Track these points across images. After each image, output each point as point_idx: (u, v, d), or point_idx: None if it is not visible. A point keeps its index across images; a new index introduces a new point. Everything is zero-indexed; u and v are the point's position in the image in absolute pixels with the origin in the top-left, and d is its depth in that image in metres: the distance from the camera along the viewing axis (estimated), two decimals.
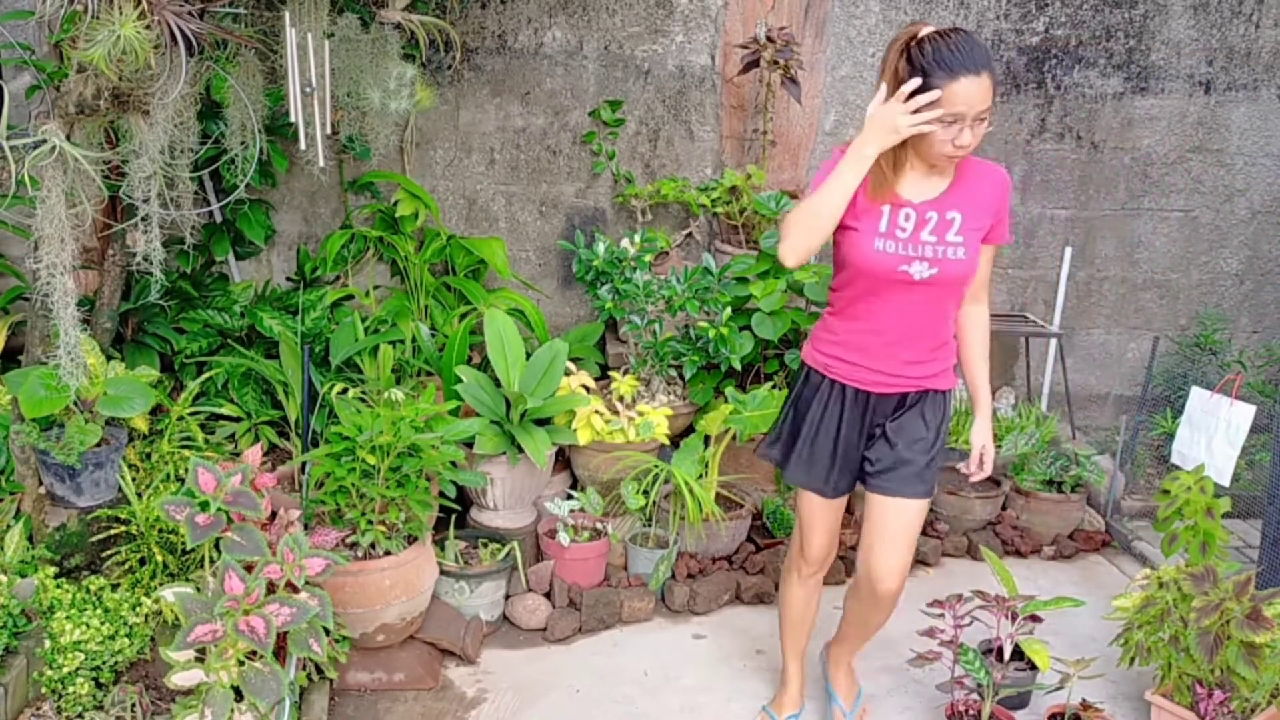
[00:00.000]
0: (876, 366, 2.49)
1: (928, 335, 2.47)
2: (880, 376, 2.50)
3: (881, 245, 2.36)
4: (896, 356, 2.48)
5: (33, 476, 3.16)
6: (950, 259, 2.36)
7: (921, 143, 2.29)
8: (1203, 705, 2.75)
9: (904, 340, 2.46)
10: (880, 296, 2.42)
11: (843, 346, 2.52)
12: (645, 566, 3.65)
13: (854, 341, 2.50)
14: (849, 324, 2.50)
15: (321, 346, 3.96)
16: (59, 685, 2.66)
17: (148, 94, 2.83)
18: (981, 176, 2.43)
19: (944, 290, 2.41)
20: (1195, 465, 3.31)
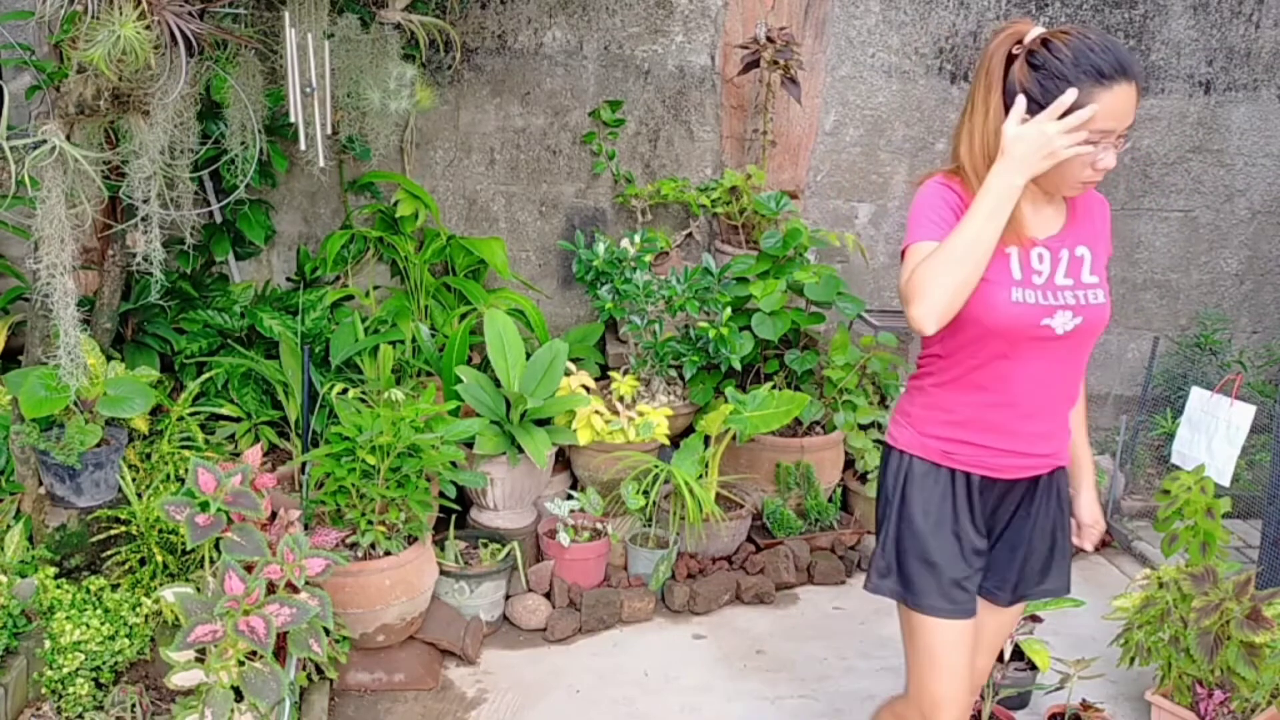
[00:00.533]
0: (1009, 446, 2.01)
1: (1063, 401, 2.04)
2: (1013, 459, 2.02)
3: (1020, 296, 1.89)
4: (1032, 431, 2.01)
5: (33, 477, 3.16)
6: (1092, 304, 1.94)
7: (1055, 168, 1.84)
8: (1203, 705, 2.75)
9: (1040, 410, 2.00)
10: (1013, 359, 1.94)
11: (964, 426, 2.01)
12: (645, 567, 3.65)
13: (979, 418, 2.00)
14: (970, 396, 2.00)
15: (321, 347, 3.96)
16: (59, 686, 2.66)
17: (148, 94, 2.83)
18: (1089, 202, 2.04)
19: (1084, 344, 1.98)
20: (1195, 465, 3.31)
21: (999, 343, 1.94)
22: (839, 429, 4.06)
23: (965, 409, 2.01)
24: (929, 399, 2.06)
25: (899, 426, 2.10)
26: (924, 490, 2.04)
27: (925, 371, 2.08)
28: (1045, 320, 1.91)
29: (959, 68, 4.53)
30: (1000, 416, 1.99)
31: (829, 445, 4.05)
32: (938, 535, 2.02)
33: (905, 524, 2.05)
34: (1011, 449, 2.01)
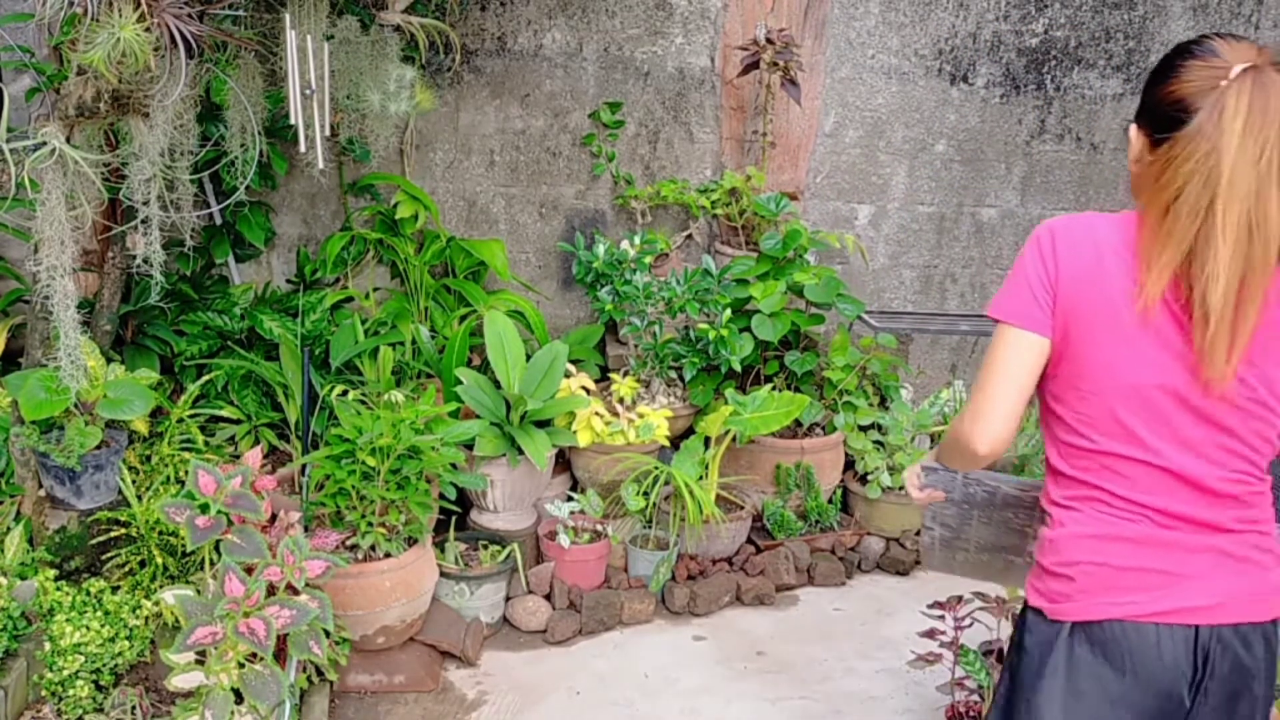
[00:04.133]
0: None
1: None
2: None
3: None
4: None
5: (33, 479, 3.16)
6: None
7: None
8: None
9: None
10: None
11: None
12: (645, 568, 3.65)
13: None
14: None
15: (321, 348, 3.96)
16: (59, 688, 2.66)
17: (147, 96, 2.83)
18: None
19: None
20: None
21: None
22: (839, 430, 4.07)
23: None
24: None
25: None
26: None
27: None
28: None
29: (958, 69, 4.53)
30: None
31: (829, 446, 4.05)
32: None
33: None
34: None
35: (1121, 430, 1.57)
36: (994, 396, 1.60)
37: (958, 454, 1.71)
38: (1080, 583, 1.60)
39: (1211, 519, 1.57)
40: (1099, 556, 1.60)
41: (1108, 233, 1.61)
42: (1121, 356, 1.55)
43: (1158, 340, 1.54)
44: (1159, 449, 1.56)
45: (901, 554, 3.97)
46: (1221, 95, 1.49)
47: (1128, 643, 1.57)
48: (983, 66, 4.54)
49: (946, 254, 4.73)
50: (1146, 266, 1.52)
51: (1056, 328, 1.59)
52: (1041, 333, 1.59)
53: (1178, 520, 1.58)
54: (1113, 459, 1.59)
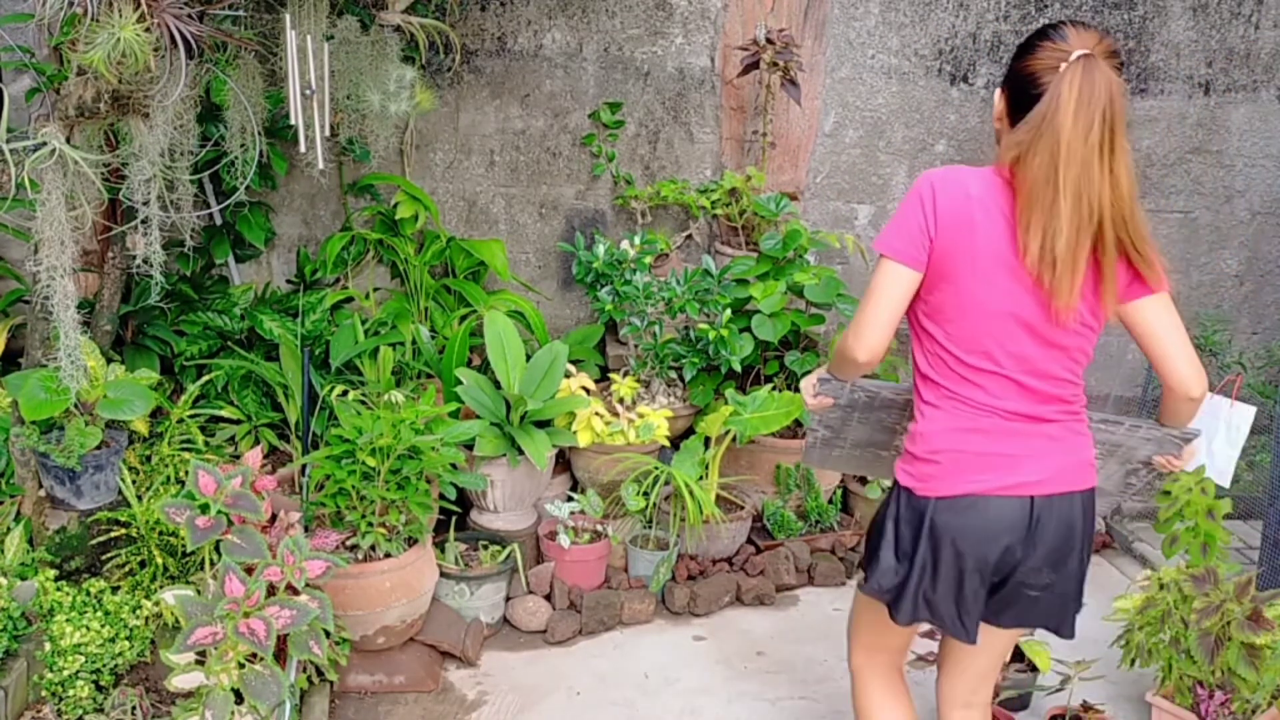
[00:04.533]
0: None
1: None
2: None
3: None
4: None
5: (33, 479, 3.16)
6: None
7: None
8: (1204, 706, 2.75)
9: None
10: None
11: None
12: (645, 568, 3.65)
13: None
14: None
15: (321, 349, 3.96)
16: (59, 688, 2.66)
17: (147, 97, 2.83)
18: None
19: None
20: (1196, 467, 3.31)
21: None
22: None
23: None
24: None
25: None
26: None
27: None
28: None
29: (958, 69, 4.53)
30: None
31: None
32: None
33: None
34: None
35: (981, 349, 1.98)
36: (872, 316, 1.98)
37: (845, 365, 2.09)
38: (945, 466, 2.01)
39: (1042, 414, 2.02)
40: (959, 445, 2.01)
41: (977, 187, 1.95)
42: (986, 291, 1.94)
43: (1015, 280, 1.93)
44: (1007, 364, 1.98)
45: None
46: (1059, 81, 1.85)
47: (979, 510, 1.99)
48: (983, 66, 4.54)
49: None
50: (1025, 227, 1.89)
51: (931, 264, 1.96)
52: (916, 268, 1.97)
53: (1018, 417, 2.01)
54: (972, 370, 2.00)
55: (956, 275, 1.95)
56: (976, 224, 1.92)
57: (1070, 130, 1.84)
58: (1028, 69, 1.93)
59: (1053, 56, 1.89)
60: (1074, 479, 2.04)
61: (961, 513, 2.00)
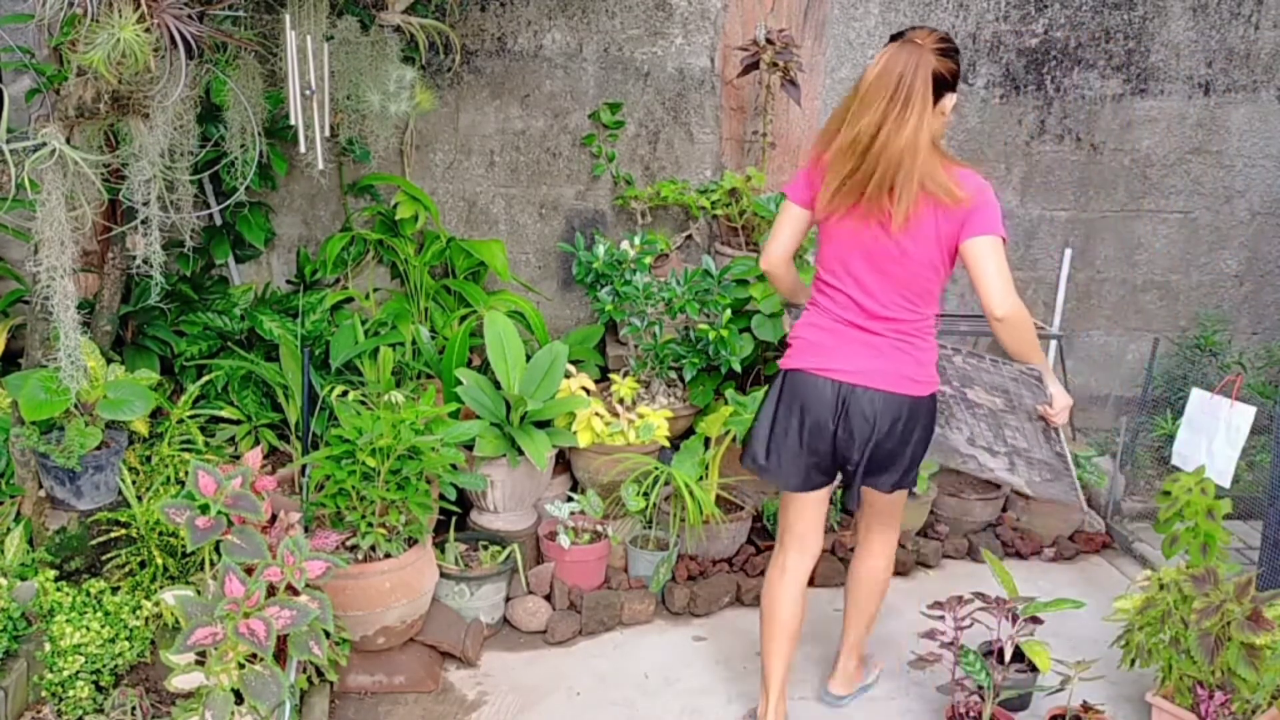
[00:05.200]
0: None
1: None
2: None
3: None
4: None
5: (33, 480, 3.16)
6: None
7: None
8: (1204, 707, 2.75)
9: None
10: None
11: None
12: (645, 569, 3.65)
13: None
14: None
15: (321, 349, 3.96)
16: (59, 689, 2.66)
17: (147, 97, 2.83)
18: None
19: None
20: (1195, 467, 3.30)
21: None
22: None
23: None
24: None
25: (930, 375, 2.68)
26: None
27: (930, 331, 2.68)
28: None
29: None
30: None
31: None
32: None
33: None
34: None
35: (837, 272, 2.64)
36: (774, 233, 2.79)
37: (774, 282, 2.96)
38: (793, 349, 2.72)
39: (869, 327, 2.62)
40: (805, 336, 2.71)
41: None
42: (840, 228, 2.59)
43: (859, 219, 2.54)
44: (849, 284, 2.62)
45: (901, 554, 3.96)
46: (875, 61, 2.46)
47: (806, 383, 2.67)
48: (983, 67, 4.54)
49: None
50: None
51: (813, 199, 2.63)
52: (803, 205, 2.68)
53: (849, 325, 2.64)
54: (829, 287, 2.67)
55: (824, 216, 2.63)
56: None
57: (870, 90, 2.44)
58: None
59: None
60: (881, 380, 2.61)
61: (795, 384, 2.70)
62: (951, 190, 2.44)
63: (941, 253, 2.52)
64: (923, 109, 2.40)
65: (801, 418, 2.66)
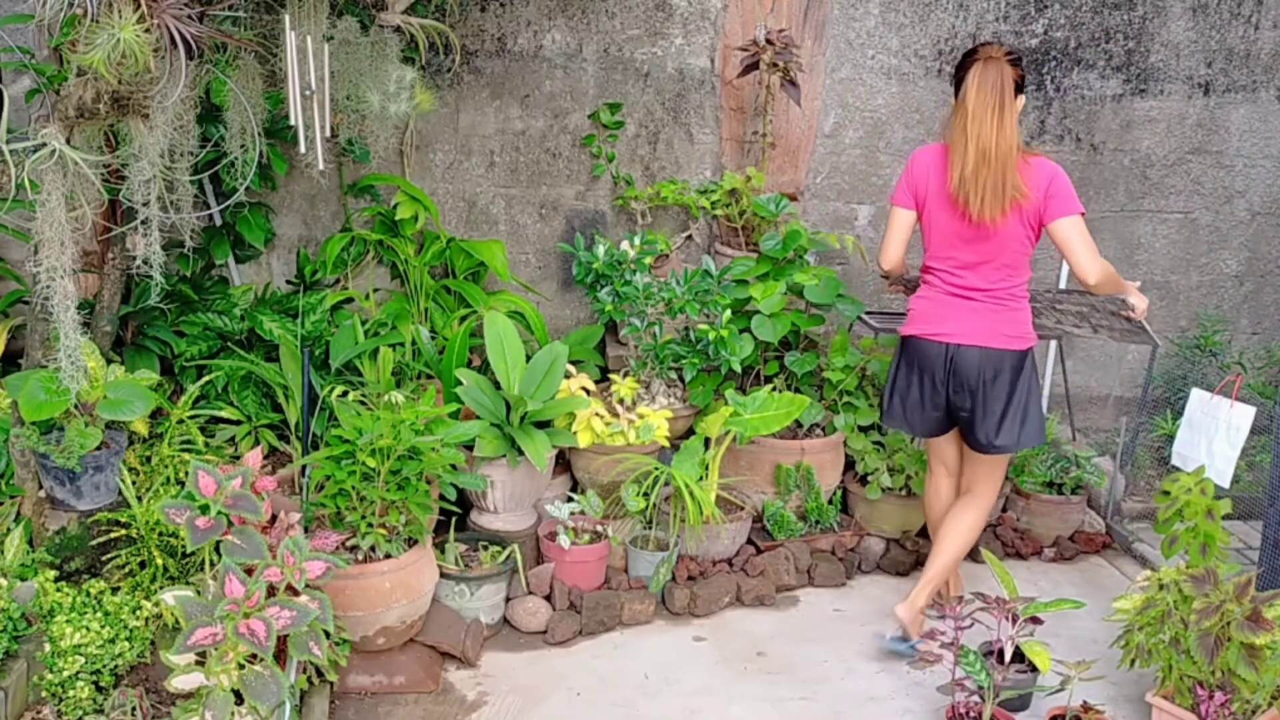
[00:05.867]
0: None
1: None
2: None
3: None
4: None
5: (33, 480, 3.16)
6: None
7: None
8: (1204, 707, 2.75)
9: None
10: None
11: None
12: (646, 569, 3.65)
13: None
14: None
15: (321, 349, 3.96)
16: (59, 689, 2.66)
17: (147, 97, 2.83)
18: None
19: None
20: (1195, 467, 3.31)
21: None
22: (839, 431, 4.06)
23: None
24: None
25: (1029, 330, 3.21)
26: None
27: (1024, 294, 3.19)
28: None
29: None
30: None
31: (829, 447, 4.04)
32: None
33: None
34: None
35: (942, 253, 3.18)
36: (889, 239, 3.28)
37: (888, 273, 3.42)
38: (909, 319, 3.27)
39: (971, 295, 3.15)
40: (918, 308, 3.26)
41: (938, 153, 3.15)
42: (943, 218, 3.13)
43: (960, 209, 3.06)
44: (953, 263, 3.17)
45: (902, 555, 3.97)
46: (968, 74, 3.03)
47: (920, 347, 3.22)
48: None
49: None
50: (952, 173, 3.06)
51: (916, 204, 3.19)
52: (910, 208, 3.22)
53: (954, 295, 3.17)
54: (937, 267, 3.21)
55: (927, 206, 3.16)
56: (937, 174, 3.12)
57: (974, 104, 2.99)
58: (957, 77, 3.12)
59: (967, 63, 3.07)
60: (986, 338, 3.13)
61: (913, 348, 3.24)
62: (1021, 190, 2.99)
63: (1027, 230, 3.06)
64: (1014, 114, 2.97)
65: (920, 376, 3.23)
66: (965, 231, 3.09)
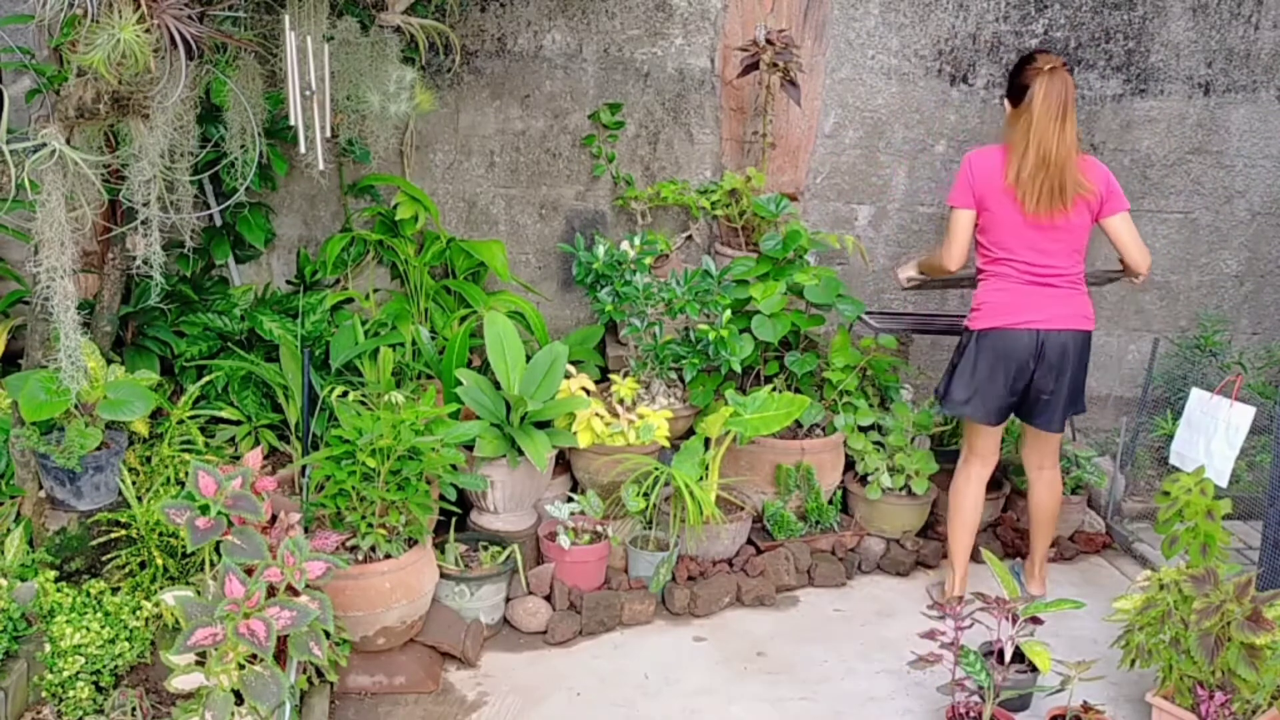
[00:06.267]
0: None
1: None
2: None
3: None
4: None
5: (33, 480, 3.16)
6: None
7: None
8: (1204, 707, 2.75)
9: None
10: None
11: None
12: (646, 569, 3.65)
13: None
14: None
15: (321, 350, 3.96)
16: (59, 689, 2.66)
17: (147, 98, 2.83)
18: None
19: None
20: (1194, 467, 3.31)
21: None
22: (839, 431, 4.06)
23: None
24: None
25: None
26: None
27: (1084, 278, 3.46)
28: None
29: (958, 70, 4.53)
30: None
31: (829, 447, 4.04)
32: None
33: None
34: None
35: (1011, 245, 3.39)
36: (954, 240, 3.45)
37: (939, 273, 3.61)
38: (984, 312, 3.43)
39: (1049, 281, 3.37)
40: (993, 300, 3.42)
41: (996, 154, 3.39)
42: (1012, 212, 3.34)
43: (1018, 202, 3.33)
44: (1026, 253, 3.38)
45: (902, 555, 3.97)
46: (1034, 83, 3.29)
47: (1007, 336, 3.38)
48: (983, 67, 4.54)
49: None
50: (1013, 173, 3.32)
51: (976, 203, 3.40)
52: (970, 208, 3.41)
53: (1032, 283, 3.38)
54: (1005, 259, 3.39)
55: (988, 204, 3.38)
56: (999, 172, 3.35)
57: (1040, 112, 3.26)
58: (1021, 82, 3.35)
59: (1033, 71, 3.31)
60: (1065, 321, 3.36)
61: (995, 338, 3.40)
62: (1085, 185, 3.30)
63: (1089, 220, 3.37)
64: (1074, 119, 3.27)
65: (1006, 365, 3.37)
66: (1040, 221, 3.32)
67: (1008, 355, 3.37)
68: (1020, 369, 3.38)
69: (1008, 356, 3.37)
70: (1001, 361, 3.38)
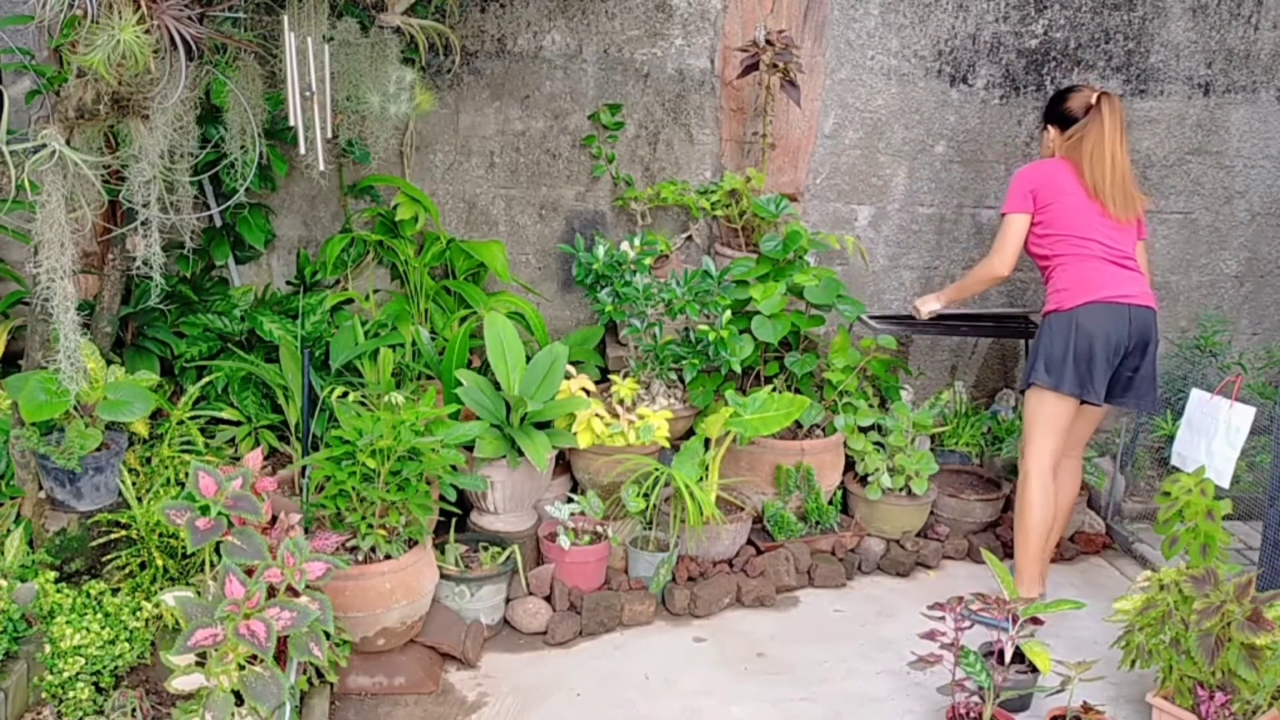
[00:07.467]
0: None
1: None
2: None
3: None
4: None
5: (33, 481, 3.16)
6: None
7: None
8: (1204, 707, 2.75)
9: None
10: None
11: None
12: (646, 570, 3.65)
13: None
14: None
15: (321, 350, 3.96)
16: (59, 690, 2.66)
17: (147, 98, 2.83)
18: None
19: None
20: (1194, 467, 3.31)
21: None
22: (839, 431, 4.07)
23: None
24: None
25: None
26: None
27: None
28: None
29: (958, 70, 4.53)
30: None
31: (829, 448, 4.05)
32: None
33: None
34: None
35: (1084, 233, 3.58)
36: (1008, 245, 3.66)
37: (983, 286, 3.83)
38: (1073, 291, 3.53)
39: (1123, 263, 3.55)
40: (1080, 280, 3.54)
41: (1054, 164, 3.66)
42: (1081, 207, 3.59)
43: (1092, 200, 3.59)
44: (1100, 239, 3.56)
45: (902, 555, 3.97)
46: (1097, 104, 3.61)
47: (1103, 310, 3.48)
48: (982, 68, 4.54)
49: (946, 255, 4.73)
50: (1092, 179, 3.58)
51: (1037, 207, 3.63)
52: (1029, 212, 3.65)
53: (1111, 264, 3.54)
54: (1078, 246, 3.57)
55: (1051, 206, 3.59)
56: (1063, 177, 3.60)
57: (1109, 128, 3.58)
58: (1071, 108, 3.67)
59: (1084, 98, 3.65)
60: (1147, 298, 3.54)
61: (1089, 313, 3.49)
62: (1143, 200, 3.64)
63: (1139, 215, 3.64)
64: (1126, 137, 3.60)
65: (1105, 339, 3.45)
66: (1113, 218, 3.57)
67: (1106, 328, 3.44)
68: (1118, 343, 3.45)
69: (1106, 329, 3.44)
70: (1100, 336, 3.44)
